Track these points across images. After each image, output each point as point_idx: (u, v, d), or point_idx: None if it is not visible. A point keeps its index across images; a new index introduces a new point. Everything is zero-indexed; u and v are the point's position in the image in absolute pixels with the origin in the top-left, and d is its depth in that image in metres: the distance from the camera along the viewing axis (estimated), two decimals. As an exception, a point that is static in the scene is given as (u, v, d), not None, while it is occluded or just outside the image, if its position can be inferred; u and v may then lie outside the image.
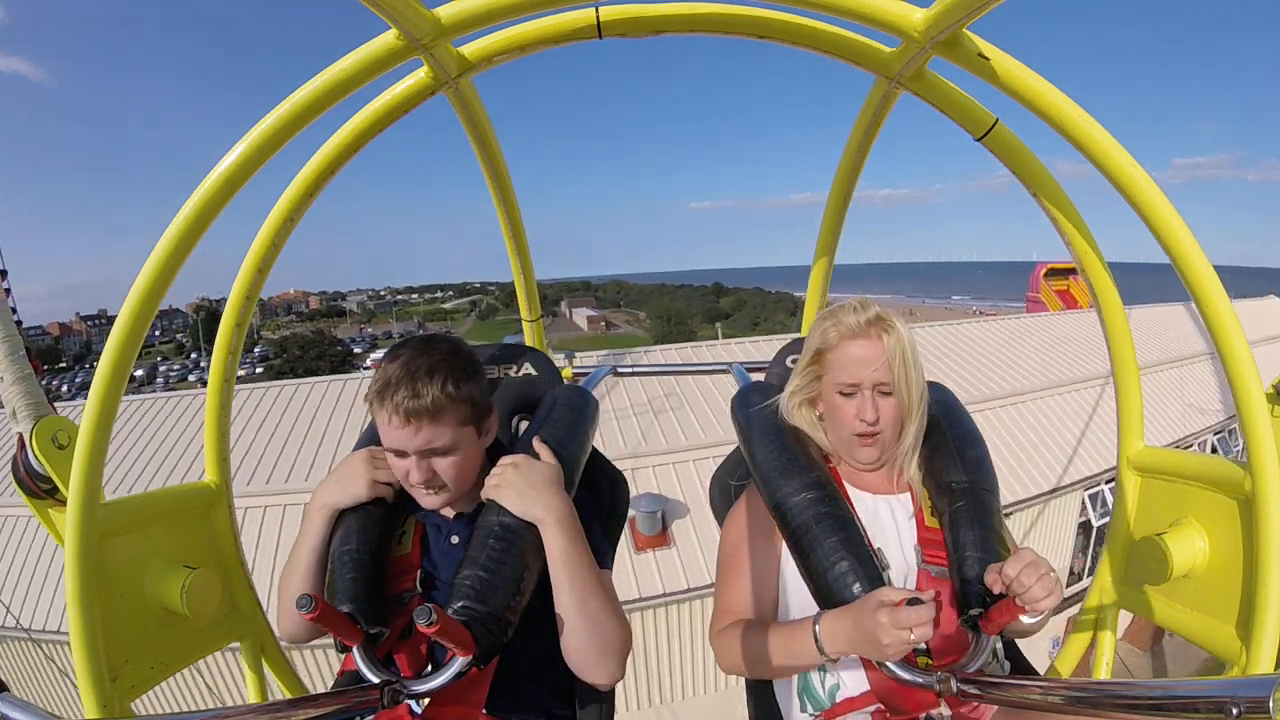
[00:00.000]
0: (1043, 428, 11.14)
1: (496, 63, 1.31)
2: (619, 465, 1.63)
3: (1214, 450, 13.19)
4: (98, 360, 1.18)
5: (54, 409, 1.87)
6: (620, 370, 2.63)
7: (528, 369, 1.61)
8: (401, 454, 1.17)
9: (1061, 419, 11.46)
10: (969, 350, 12.81)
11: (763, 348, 12.04)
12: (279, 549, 7.60)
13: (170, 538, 1.45)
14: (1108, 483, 11.21)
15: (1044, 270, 25.23)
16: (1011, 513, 9.70)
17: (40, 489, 1.86)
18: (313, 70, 1.14)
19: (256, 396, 10.49)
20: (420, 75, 1.27)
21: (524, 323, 2.70)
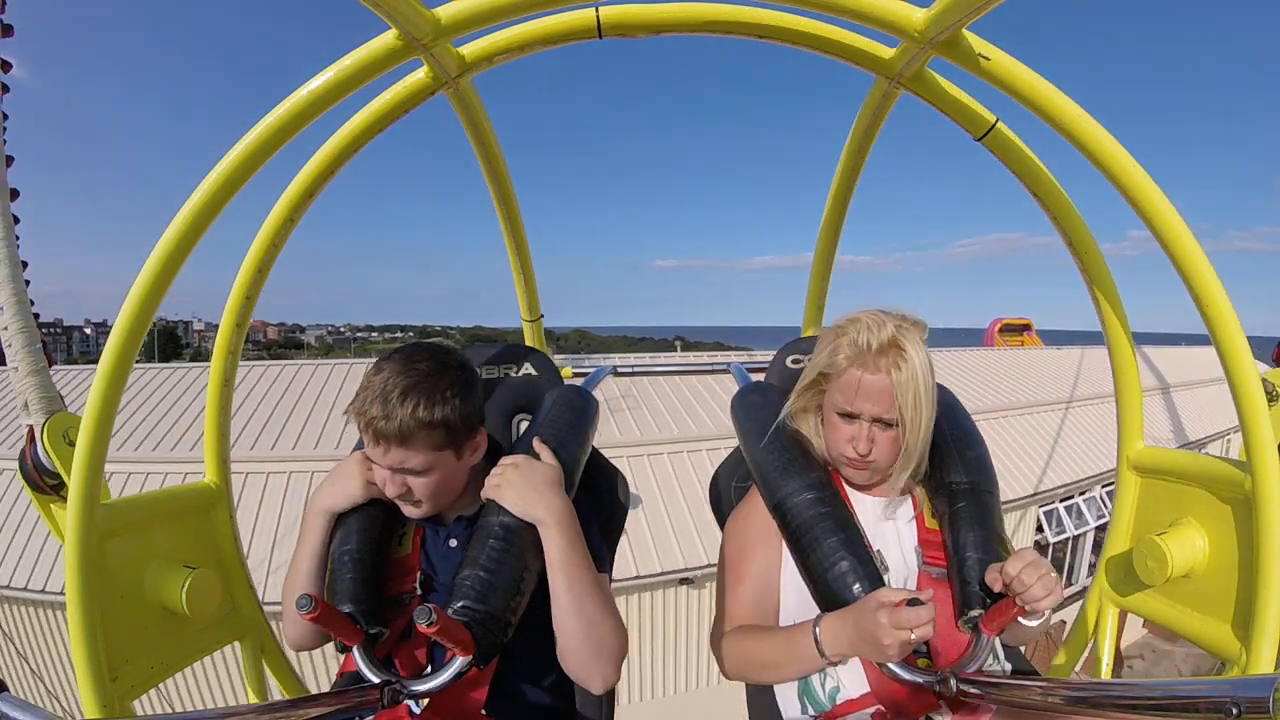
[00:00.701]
0: (999, 447, 11.25)
1: (497, 62, 1.31)
2: None
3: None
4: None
5: (64, 402, 1.86)
6: (620, 370, 2.63)
7: (528, 369, 1.61)
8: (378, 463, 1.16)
9: (1017, 439, 11.67)
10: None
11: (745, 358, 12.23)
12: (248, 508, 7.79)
13: (170, 538, 1.45)
14: (1063, 500, 11.43)
15: (999, 326, 25.44)
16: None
17: (46, 484, 1.85)
18: (313, 70, 1.14)
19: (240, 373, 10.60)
20: (420, 75, 1.27)
21: (524, 323, 2.70)
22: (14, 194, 1.83)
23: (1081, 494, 11.71)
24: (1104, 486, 12.04)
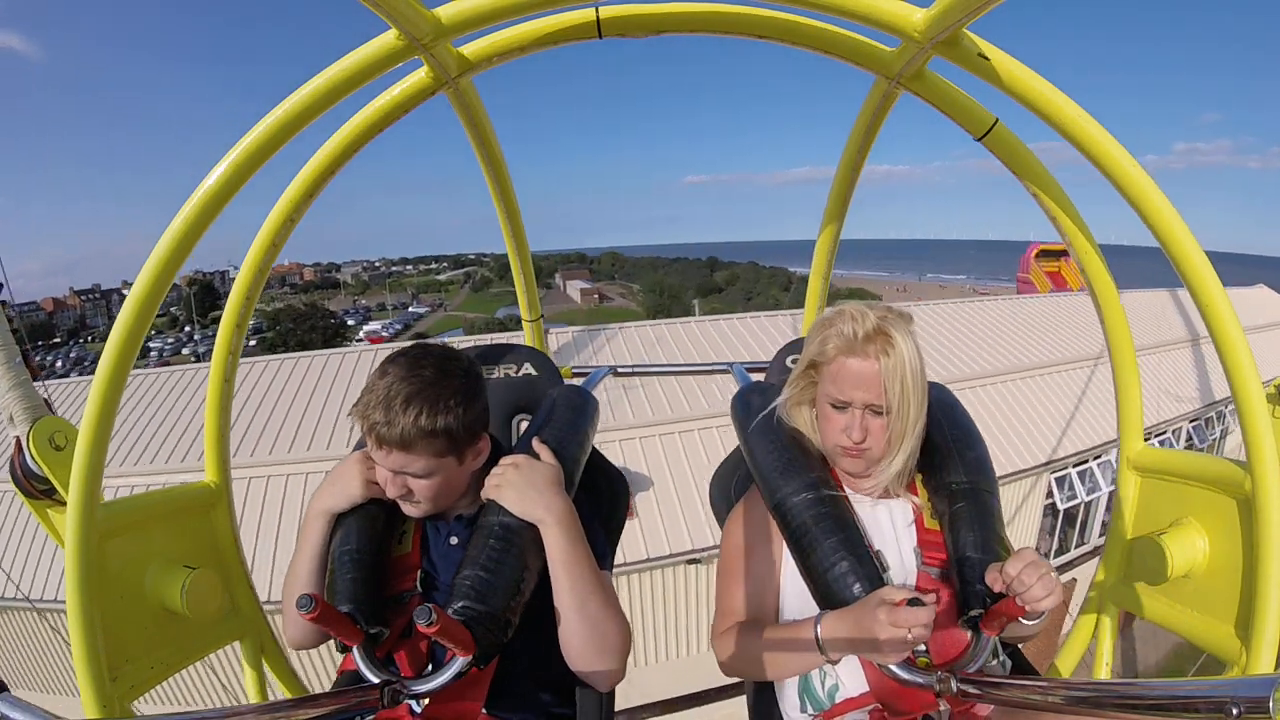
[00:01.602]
0: (1011, 410, 11.17)
1: (496, 63, 1.31)
2: None
3: (1189, 437, 13.35)
4: (92, 333, 1.17)
5: (52, 410, 1.88)
6: (620, 370, 2.64)
7: (528, 369, 1.61)
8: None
9: (1030, 403, 11.50)
10: (940, 332, 12.73)
11: (749, 323, 12.02)
12: (263, 517, 7.79)
13: (170, 538, 1.45)
14: (1075, 466, 11.29)
15: (1035, 251, 24.97)
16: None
17: (37, 490, 1.87)
18: (313, 70, 1.14)
19: (257, 371, 10.44)
20: (420, 75, 1.27)
21: (524, 323, 2.70)
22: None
23: (1096, 458, 11.47)
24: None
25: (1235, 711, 0.59)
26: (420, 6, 1.07)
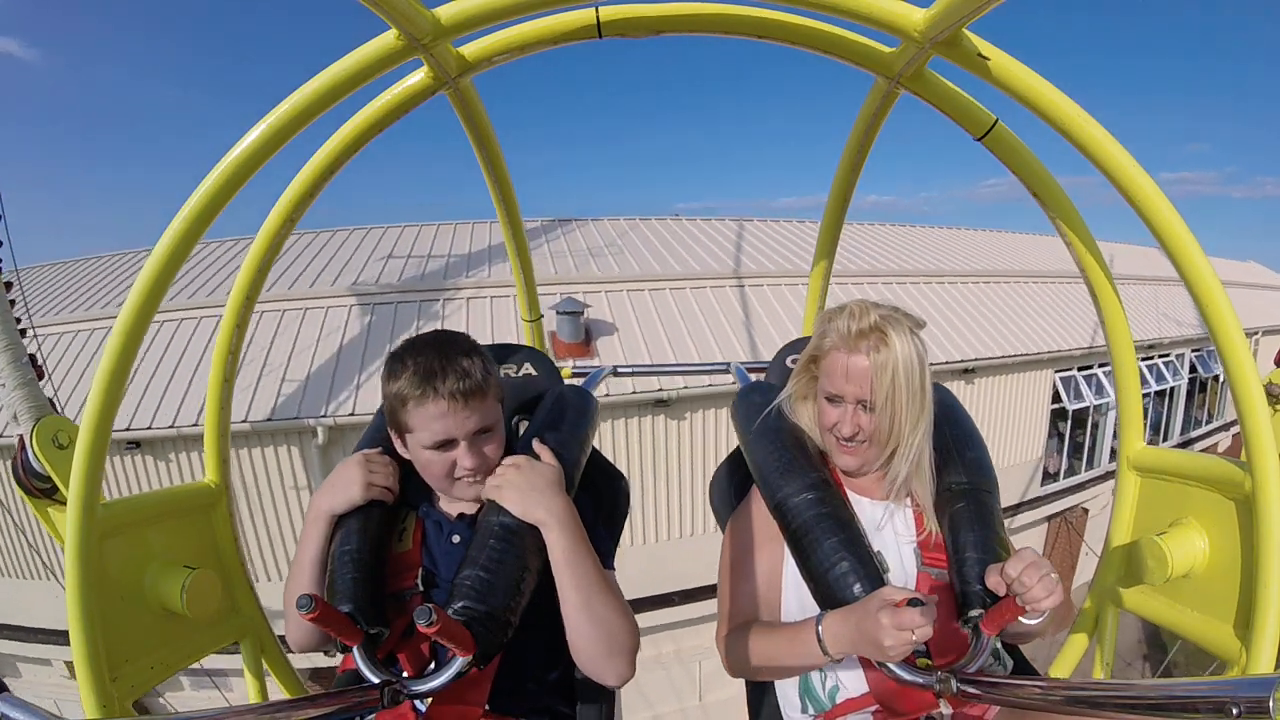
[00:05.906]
0: (1011, 307, 11.07)
1: (497, 63, 1.31)
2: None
3: (1193, 368, 13.15)
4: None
5: (55, 410, 1.88)
6: (620, 370, 2.64)
7: (528, 369, 1.61)
8: (448, 444, 1.16)
9: (1027, 304, 11.41)
10: (924, 249, 12.94)
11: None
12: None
13: (170, 538, 1.45)
14: (1081, 369, 11.06)
15: None
16: (976, 373, 9.55)
17: (38, 489, 1.87)
18: (313, 70, 1.14)
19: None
20: (420, 75, 1.27)
21: (524, 323, 2.70)
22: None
23: (1102, 365, 11.21)
24: (1143, 359, 11.51)
25: (1235, 711, 0.59)
26: (420, 6, 1.07)
